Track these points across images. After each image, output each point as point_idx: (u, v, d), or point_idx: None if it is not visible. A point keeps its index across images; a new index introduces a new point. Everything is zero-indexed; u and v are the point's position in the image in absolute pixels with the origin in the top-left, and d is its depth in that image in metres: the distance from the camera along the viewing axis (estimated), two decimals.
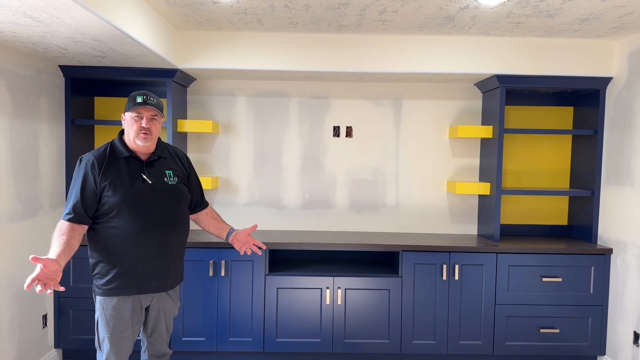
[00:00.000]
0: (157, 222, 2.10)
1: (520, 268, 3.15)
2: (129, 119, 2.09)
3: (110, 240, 2.06)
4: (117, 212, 2.04)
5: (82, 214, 2.01)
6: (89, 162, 2.05)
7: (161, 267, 2.14)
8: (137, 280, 2.10)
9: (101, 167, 2.04)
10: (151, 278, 2.12)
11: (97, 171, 2.04)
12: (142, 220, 2.07)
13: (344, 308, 3.14)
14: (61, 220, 2.01)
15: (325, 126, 3.61)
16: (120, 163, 2.09)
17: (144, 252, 2.08)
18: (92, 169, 2.04)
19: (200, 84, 3.57)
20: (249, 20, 2.86)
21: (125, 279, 2.08)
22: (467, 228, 3.65)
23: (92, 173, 2.03)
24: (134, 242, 2.06)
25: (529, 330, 3.16)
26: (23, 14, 2.01)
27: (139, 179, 2.09)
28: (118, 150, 2.11)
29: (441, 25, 2.88)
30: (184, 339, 3.13)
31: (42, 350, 3.07)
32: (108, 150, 2.10)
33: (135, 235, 2.06)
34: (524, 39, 3.14)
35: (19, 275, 2.80)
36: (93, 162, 2.04)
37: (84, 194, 2.01)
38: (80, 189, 2.01)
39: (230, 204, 3.62)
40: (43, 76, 3.01)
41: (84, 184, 2.02)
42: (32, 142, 2.92)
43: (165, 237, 2.13)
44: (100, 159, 2.07)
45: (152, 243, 2.09)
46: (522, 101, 3.57)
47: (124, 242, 2.06)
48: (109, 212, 2.04)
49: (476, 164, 3.62)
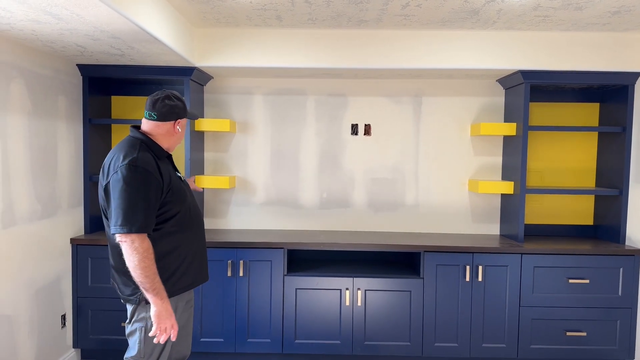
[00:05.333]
0: (198, 215, 2.16)
1: (545, 269, 3.06)
2: (184, 124, 2.12)
3: (170, 242, 2.00)
4: (178, 214, 2.01)
5: (151, 223, 1.90)
6: (148, 169, 1.89)
7: (205, 258, 2.21)
8: (194, 275, 2.10)
9: (160, 173, 1.94)
10: (203, 270, 2.17)
11: (160, 178, 1.93)
12: (193, 216, 2.10)
13: (364, 309, 3.08)
14: (132, 234, 1.82)
15: (343, 124, 3.55)
16: (163, 164, 2.02)
17: (197, 247, 2.12)
18: (154, 176, 1.90)
19: (218, 83, 3.54)
20: (268, 17, 2.81)
21: (185, 277, 2.06)
22: (489, 228, 3.56)
23: (156, 181, 1.91)
24: (191, 239, 2.08)
25: (555, 333, 3.07)
26: (43, 11, 1.98)
27: (175, 177, 2.07)
28: (158, 152, 2.02)
29: (465, 19, 2.81)
30: (202, 340, 3.09)
31: (61, 350, 3.06)
32: (153, 153, 1.99)
33: (191, 233, 2.08)
34: (549, 34, 3.04)
35: (38, 275, 2.80)
36: (152, 169, 1.91)
37: (153, 203, 1.89)
38: (149, 198, 1.87)
39: (247, 203, 3.58)
40: (61, 75, 3.00)
41: (153, 192, 1.89)
42: (50, 141, 2.91)
43: (203, 229, 2.21)
44: (154, 164, 1.94)
45: (199, 236, 2.14)
46: (546, 97, 3.47)
47: (186, 240, 2.05)
48: (172, 216, 1.98)
49: (499, 162, 3.54)
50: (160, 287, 1.86)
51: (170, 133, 2.07)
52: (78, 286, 3.12)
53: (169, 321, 1.88)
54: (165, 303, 1.87)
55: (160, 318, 1.86)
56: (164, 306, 1.86)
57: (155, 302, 1.85)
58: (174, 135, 2.08)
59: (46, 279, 2.88)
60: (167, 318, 1.87)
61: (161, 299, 1.86)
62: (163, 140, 2.06)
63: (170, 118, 2.04)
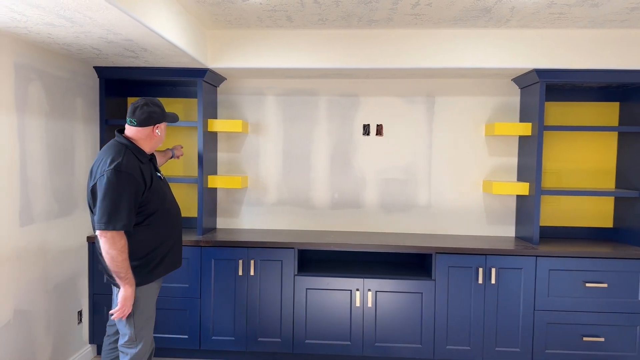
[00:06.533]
0: (176, 211, 2.42)
1: (561, 272, 2.98)
2: (164, 128, 2.34)
3: (150, 235, 2.24)
4: (157, 211, 2.25)
5: (132, 221, 2.14)
6: (131, 173, 2.13)
7: (180, 248, 2.49)
8: (168, 264, 2.37)
9: (142, 176, 2.18)
10: (178, 259, 2.45)
11: (142, 180, 2.17)
12: (171, 210, 2.36)
13: (375, 310, 3.07)
14: (115, 231, 2.08)
15: (355, 124, 3.54)
16: (145, 167, 2.25)
17: (174, 240, 2.38)
18: (136, 180, 2.14)
19: (230, 84, 3.57)
20: (278, 18, 2.82)
21: (162, 264, 2.32)
22: (504, 230, 3.50)
23: (136, 183, 2.13)
24: (169, 232, 2.33)
25: (572, 338, 2.99)
26: (57, 14, 2.03)
27: (156, 178, 2.31)
28: (141, 155, 2.26)
29: (477, 18, 2.77)
30: (213, 338, 3.13)
31: (77, 346, 3.13)
32: (136, 157, 2.21)
33: (170, 227, 2.34)
34: (565, 31, 2.97)
35: (54, 272, 2.87)
36: (135, 173, 2.14)
37: (134, 203, 2.13)
38: (131, 199, 2.11)
39: (259, 203, 3.60)
40: (78, 77, 3.08)
41: (134, 194, 2.12)
42: (68, 142, 2.99)
43: (180, 220, 2.47)
44: (137, 168, 2.17)
45: (177, 230, 2.40)
46: (563, 97, 3.39)
47: (163, 234, 2.30)
48: (152, 213, 2.22)
49: (514, 163, 3.47)
50: (131, 277, 2.16)
51: (150, 137, 2.30)
52: (94, 283, 3.19)
53: (130, 304, 2.19)
54: (133, 289, 2.18)
55: (126, 300, 2.17)
56: (131, 292, 2.17)
57: (126, 288, 2.16)
58: (153, 139, 2.31)
59: (63, 276, 2.96)
60: (130, 301, 2.19)
61: (130, 285, 2.16)
62: (144, 144, 2.29)
63: (149, 123, 2.27)
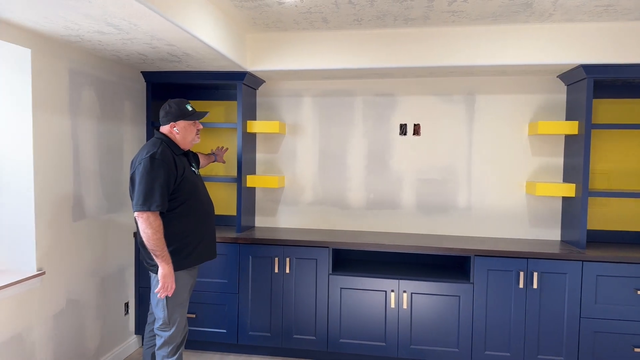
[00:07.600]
0: (209, 204, 2.56)
1: (610, 278, 2.83)
2: (188, 125, 2.48)
3: (183, 223, 2.38)
4: (189, 199, 2.40)
5: (165, 204, 2.28)
6: (165, 160, 2.31)
7: (214, 240, 2.60)
8: (203, 254, 2.49)
9: (175, 165, 2.36)
10: (211, 250, 2.56)
11: (174, 168, 2.34)
12: (203, 202, 2.50)
13: (410, 312, 3.03)
14: (149, 211, 2.22)
15: (392, 124, 3.52)
16: (179, 159, 2.43)
17: (205, 229, 2.50)
18: (169, 167, 2.30)
19: (269, 86, 3.65)
20: (314, 20, 2.87)
21: (194, 253, 2.44)
22: (549, 233, 3.36)
23: (168, 169, 2.30)
24: (200, 222, 2.46)
25: (621, 349, 2.82)
26: (105, 22, 2.17)
27: (189, 170, 2.49)
28: (176, 148, 2.45)
29: (517, 13, 2.68)
30: (250, 333, 3.20)
31: (124, 336, 3.31)
32: (170, 149, 2.40)
33: (201, 217, 2.47)
34: (614, 24, 2.82)
35: (103, 266, 3.05)
36: (168, 161, 2.32)
37: (167, 188, 2.28)
38: (164, 183, 2.27)
39: (295, 203, 3.65)
40: (126, 82, 3.26)
41: (167, 179, 2.28)
42: (117, 143, 3.17)
43: (213, 213, 2.60)
44: (170, 157, 2.37)
45: (209, 221, 2.53)
46: (612, 93, 3.21)
47: (195, 222, 2.43)
48: (184, 201, 2.37)
49: (559, 163, 3.32)
50: (167, 255, 2.28)
51: (172, 134, 2.46)
52: (140, 277, 3.36)
53: (171, 281, 2.30)
54: (170, 267, 2.29)
55: (165, 278, 2.28)
56: (169, 269, 2.28)
57: (163, 266, 2.27)
58: (176, 136, 2.45)
59: (111, 269, 3.14)
60: (170, 278, 2.29)
61: (167, 263, 2.28)
62: (175, 140, 2.46)
63: (167, 122, 2.45)
